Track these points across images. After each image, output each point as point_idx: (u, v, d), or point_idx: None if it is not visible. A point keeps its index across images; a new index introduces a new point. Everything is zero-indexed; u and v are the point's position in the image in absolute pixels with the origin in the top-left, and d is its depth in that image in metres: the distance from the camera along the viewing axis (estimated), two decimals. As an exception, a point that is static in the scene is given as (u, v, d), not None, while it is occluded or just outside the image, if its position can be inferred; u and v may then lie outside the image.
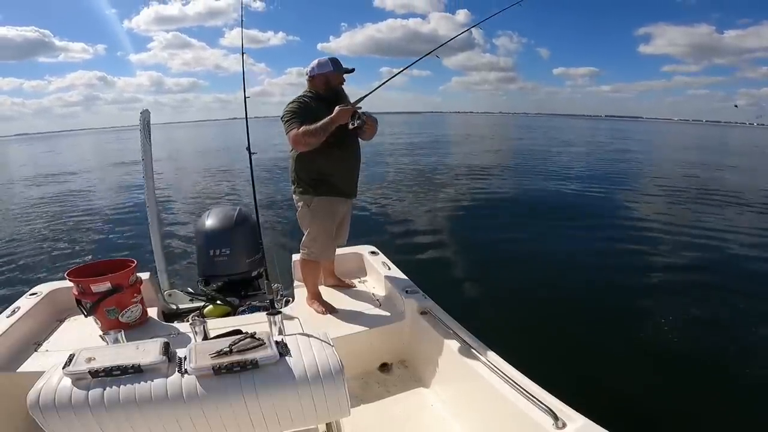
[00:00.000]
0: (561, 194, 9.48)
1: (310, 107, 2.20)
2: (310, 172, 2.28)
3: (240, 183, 10.33)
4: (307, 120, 2.14)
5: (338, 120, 2.11)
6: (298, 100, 2.23)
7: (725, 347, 3.34)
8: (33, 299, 2.28)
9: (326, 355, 1.27)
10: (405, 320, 2.22)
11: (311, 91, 2.29)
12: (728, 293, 4.28)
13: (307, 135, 2.12)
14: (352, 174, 2.39)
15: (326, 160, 2.23)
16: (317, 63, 2.25)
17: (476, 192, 9.67)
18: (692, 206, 8.53)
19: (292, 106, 2.20)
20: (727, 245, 5.88)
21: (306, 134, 2.12)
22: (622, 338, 3.39)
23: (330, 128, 2.11)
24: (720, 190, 10.21)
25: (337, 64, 2.27)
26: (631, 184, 11.53)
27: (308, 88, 2.31)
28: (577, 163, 15.44)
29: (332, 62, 2.25)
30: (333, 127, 2.11)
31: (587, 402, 1.42)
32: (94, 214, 8.26)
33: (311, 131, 2.11)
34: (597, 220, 7.25)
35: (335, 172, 2.29)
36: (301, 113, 2.17)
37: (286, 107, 2.22)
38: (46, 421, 1.12)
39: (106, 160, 21.03)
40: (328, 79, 2.26)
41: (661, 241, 6.08)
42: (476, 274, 4.83)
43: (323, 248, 2.39)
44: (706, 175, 13.49)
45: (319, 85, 2.27)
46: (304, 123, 2.13)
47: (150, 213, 2.77)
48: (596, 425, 1.30)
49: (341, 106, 2.13)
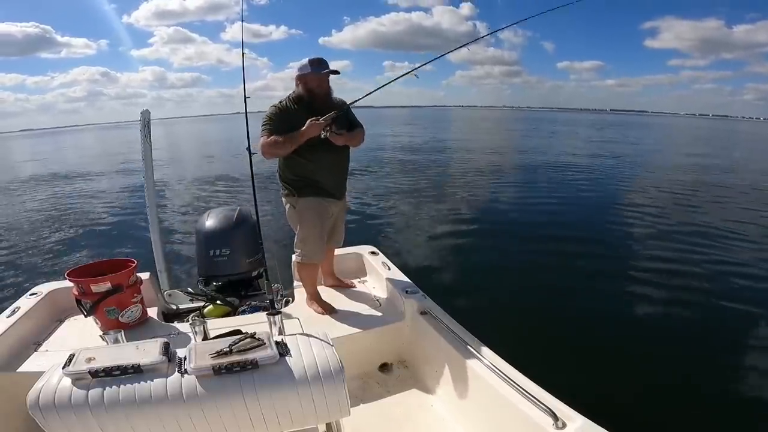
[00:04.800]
0: (563, 191, 9.45)
1: (287, 113, 2.19)
2: (295, 173, 2.28)
3: (240, 183, 10.35)
4: (281, 127, 2.14)
5: (308, 134, 2.11)
6: (277, 105, 2.22)
7: (726, 347, 3.34)
8: (33, 299, 2.27)
9: (326, 355, 1.27)
10: (405, 320, 2.22)
11: (295, 93, 2.26)
12: (729, 293, 4.29)
13: (273, 146, 2.13)
14: (338, 175, 2.37)
15: (311, 161, 2.22)
16: (299, 64, 2.23)
17: (477, 191, 9.67)
18: (698, 207, 8.49)
19: (270, 112, 2.20)
20: (731, 246, 5.88)
21: (272, 145, 2.13)
22: (622, 338, 3.39)
23: (299, 141, 2.12)
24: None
25: (317, 65, 2.17)
26: (635, 180, 11.47)
27: (294, 90, 2.28)
28: (579, 161, 15.42)
29: (311, 63, 2.16)
30: (303, 140, 2.12)
31: (587, 402, 1.42)
32: (95, 214, 8.26)
33: (278, 143, 2.12)
34: (597, 218, 7.25)
35: (320, 174, 2.28)
36: (276, 120, 2.16)
37: (268, 110, 2.21)
38: (46, 421, 1.12)
39: (108, 158, 21.03)
40: (306, 81, 2.19)
41: (663, 241, 6.08)
42: (476, 274, 4.84)
43: (313, 250, 2.37)
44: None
45: (301, 87, 2.23)
46: (277, 130, 2.13)
47: (150, 213, 2.77)
48: (596, 425, 1.30)
49: (312, 120, 2.11)
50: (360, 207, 7.68)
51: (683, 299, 4.15)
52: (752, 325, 3.63)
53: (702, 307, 4.00)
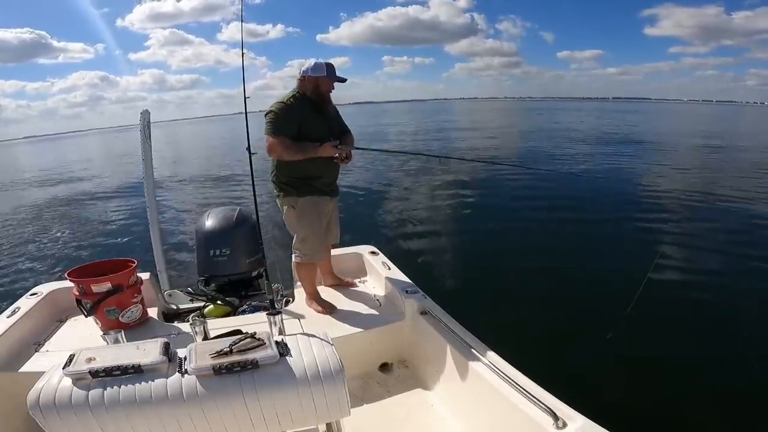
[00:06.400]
0: (566, 188, 9.32)
1: (294, 110, 2.21)
2: (293, 174, 2.28)
3: (240, 182, 10.35)
4: (288, 125, 2.16)
5: (323, 154, 2.21)
6: (284, 102, 2.23)
7: (726, 347, 3.34)
8: (33, 299, 2.28)
9: (326, 355, 1.27)
10: (405, 320, 2.22)
11: (299, 91, 2.28)
12: (729, 293, 4.28)
13: (285, 150, 2.17)
14: (333, 174, 2.42)
15: (311, 163, 2.24)
16: (313, 65, 2.25)
17: (477, 189, 9.62)
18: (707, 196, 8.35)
19: (275, 108, 2.20)
20: (736, 245, 5.85)
21: (285, 149, 2.16)
22: (622, 338, 3.39)
23: (312, 155, 2.20)
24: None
25: (332, 71, 2.26)
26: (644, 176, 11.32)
27: (297, 87, 2.30)
28: (581, 150, 15.30)
29: (327, 67, 2.25)
30: (315, 156, 2.20)
31: (587, 402, 1.42)
32: (95, 215, 8.27)
33: (291, 150, 2.17)
34: (599, 217, 7.22)
35: (318, 175, 2.31)
36: (284, 117, 2.18)
37: (273, 106, 2.22)
38: (46, 421, 1.12)
39: (108, 161, 21.04)
40: (318, 84, 2.25)
41: (665, 240, 6.06)
42: (477, 274, 4.83)
43: (314, 249, 2.39)
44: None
45: (308, 86, 2.27)
46: (285, 129, 2.16)
47: (150, 213, 2.77)
48: (596, 425, 1.30)
49: (331, 145, 2.22)
50: (360, 207, 7.67)
51: (683, 299, 4.14)
52: (754, 324, 3.62)
53: (702, 307, 3.99)
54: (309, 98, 2.26)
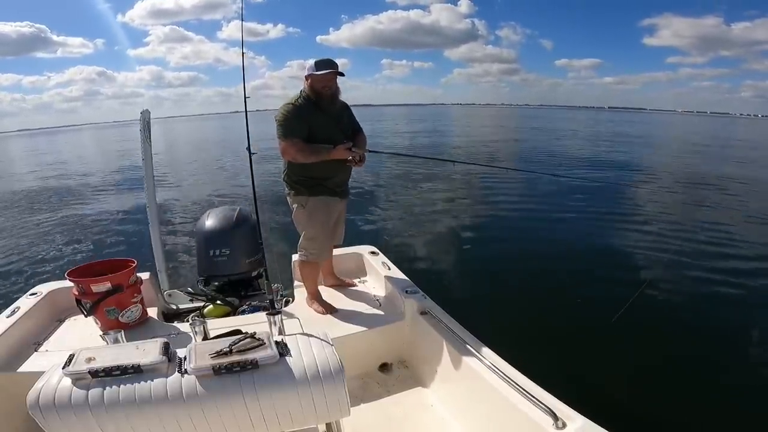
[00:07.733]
0: (566, 187, 9.36)
1: (302, 111, 2.20)
2: (305, 174, 2.28)
3: (240, 182, 10.33)
4: (299, 127, 2.16)
5: (336, 157, 2.20)
6: (294, 104, 2.22)
7: (726, 347, 3.34)
8: (33, 299, 2.27)
9: (326, 355, 1.27)
10: (405, 320, 2.22)
11: (303, 91, 2.28)
12: (730, 292, 4.28)
13: (299, 152, 2.17)
14: (344, 175, 2.41)
15: (323, 163, 2.23)
16: (308, 64, 2.25)
17: (477, 190, 9.65)
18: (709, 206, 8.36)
19: (285, 110, 2.20)
20: (736, 245, 5.86)
21: (298, 151, 2.17)
22: (622, 338, 3.39)
23: (326, 158, 2.19)
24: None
25: (321, 65, 2.18)
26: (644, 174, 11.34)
27: (303, 88, 2.29)
28: (580, 154, 15.31)
29: (316, 64, 2.18)
30: (329, 158, 2.20)
31: (587, 402, 1.42)
32: (95, 214, 8.26)
33: (305, 152, 2.17)
34: (600, 216, 7.23)
35: (330, 176, 2.30)
36: (293, 119, 2.17)
37: (282, 108, 2.22)
38: (46, 421, 1.12)
39: (106, 158, 21.02)
40: (312, 82, 2.22)
41: (665, 239, 6.07)
42: (476, 274, 4.83)
43: (321, 248, 2.40)
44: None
45: (307, 86, 2.26)
46: (296, 131, 2.16)
47: (150, 213, 2.77)
48: (596, 425, 1.30)
49: (345, 147, 2.20)
50: (360, 207, 7.66)
51: (683, 299, 4.14)
52: (754, 325, 3.62)
53: (702, 307, 4.00)
54: (312, 99, 2.25)
